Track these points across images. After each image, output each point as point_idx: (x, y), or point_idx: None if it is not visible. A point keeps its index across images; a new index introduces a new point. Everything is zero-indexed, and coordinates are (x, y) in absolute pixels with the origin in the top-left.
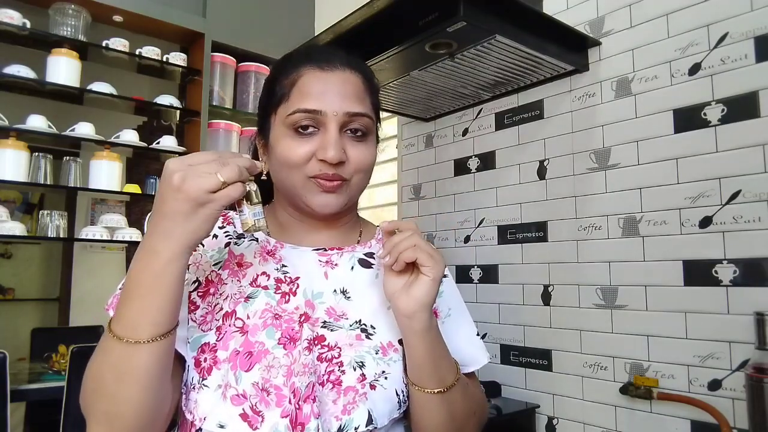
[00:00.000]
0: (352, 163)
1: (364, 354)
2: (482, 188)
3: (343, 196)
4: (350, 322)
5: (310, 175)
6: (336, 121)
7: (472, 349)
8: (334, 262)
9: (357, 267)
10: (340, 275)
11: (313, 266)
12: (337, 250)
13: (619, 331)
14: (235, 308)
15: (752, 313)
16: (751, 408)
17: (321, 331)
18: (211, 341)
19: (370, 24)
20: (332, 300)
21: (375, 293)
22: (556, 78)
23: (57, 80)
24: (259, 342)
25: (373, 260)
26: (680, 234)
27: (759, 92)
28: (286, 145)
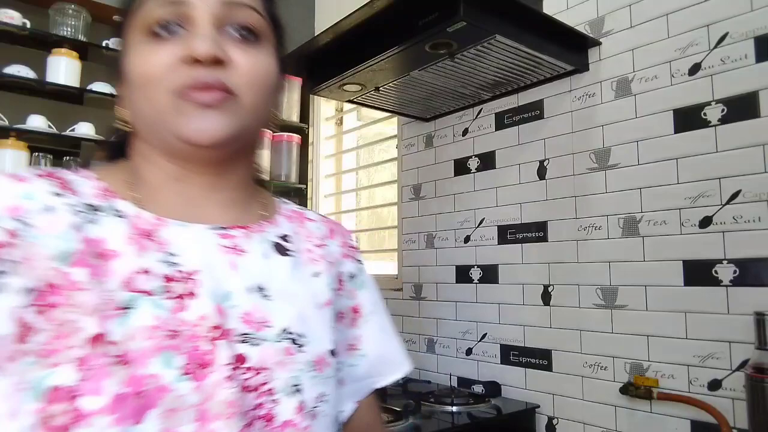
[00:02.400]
0: (239, 70)
1: (299, 373)
2: (482, 188)
3: (229, 116)
4: (275, 331)
5: (176, 87)
6: (208, 11)
7: (399, 351)
8: (240, 247)
9: (272, 255)
10: (251, 266)
11: (214, 253)
12: (242, 230)
13: (619, 331)
14: (105, 327)
15: (752, 313)
16: (751, 408)
17: (240, 348)
18: (66, 383)
19: (370, 24)
20: (247, 301)
21: (299, 289)
22: (556, 78)
23: (57, 80)
24: (151, 376)
25: (289, 244)
26: (680, 234)
27: (759, 92)
28: (140, 56)
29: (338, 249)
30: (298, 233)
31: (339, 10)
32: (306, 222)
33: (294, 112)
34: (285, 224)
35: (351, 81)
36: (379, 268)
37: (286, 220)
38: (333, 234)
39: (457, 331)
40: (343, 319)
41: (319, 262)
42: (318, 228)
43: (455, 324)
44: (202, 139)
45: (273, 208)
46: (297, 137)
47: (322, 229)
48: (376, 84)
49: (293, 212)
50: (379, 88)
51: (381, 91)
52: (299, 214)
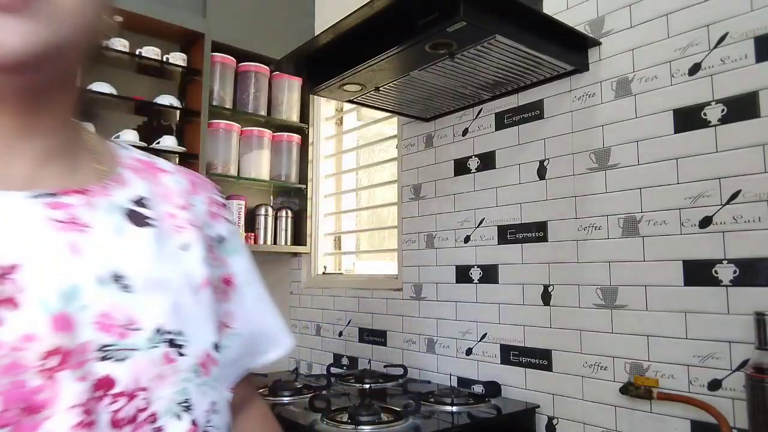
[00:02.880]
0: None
1: (186, 384)
2: (482, 188)
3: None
4: (146, 334)
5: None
6: None
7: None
8: (81, 220)
9: (127, 227)
10: (101, 247)
11: (45, 233)
12: (79, 194)
13: (619, 331)
14: None
15: (752, 313)
16: (751, 408)
17: (101, 367)
18: None
19: (370, 24)
20: (101, 298)
21: (169, 271)
22: (556, 78)
23: None
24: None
25: (148, 211)
26: (680, 234)
27: (759, 92)
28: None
29: (204, 207)
30: (155, 193)
31: (339, 10)
32: (160, 175)
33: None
34: (136, 182)
35: (351, 81)
36: (379, 268)
37: (135, 174)
38: (196, 188)
39: (457, 331)
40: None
41: (187, 229)
42: (177, 182)
43: (455, 324)
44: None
45: (110, 157)
46: (297, 137)
47: (182, 183)
48: (376, 84)
49: (140, 162)
50: (379, 88)
51: (381, 91)
52: (149, 165)
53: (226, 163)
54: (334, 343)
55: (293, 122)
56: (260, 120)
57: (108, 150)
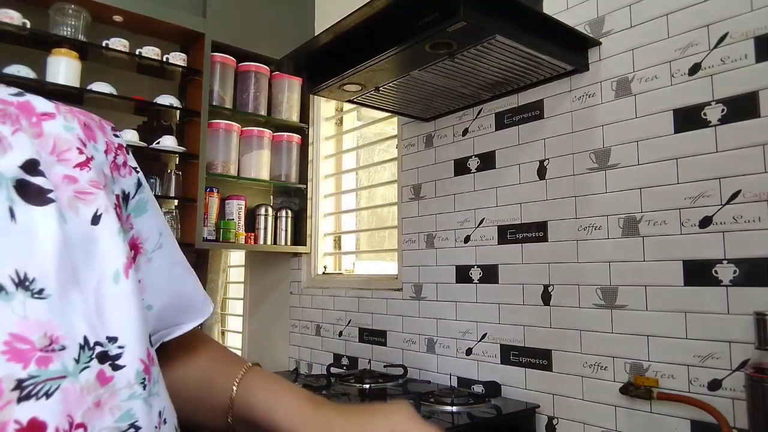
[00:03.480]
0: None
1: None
2: (482, 188)
3: None
4: (72, 352)
5: None
6: None
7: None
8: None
9: (19, 207)
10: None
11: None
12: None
13: (619, 331)
14: None
15: (752, 313)
16: (751, 408)
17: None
18: None
19: (370, 24)
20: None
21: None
22: (556, 78)
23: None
24: None
25: (43, 179)
26: (680, 234)
27: (759, 92)
28: None
29: (103, 157)
30: (40, 149)
31: (339, 10)
32: (44, 123)
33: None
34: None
35: (351, 81)
36: (379, 268)
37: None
38: (90, 132)
39: (457, 331)
40: None
41: (93, 194)
42: (67, 128)
43: (455, 324)
44: None
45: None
46: (297, 137)
47: (74, 128)
48: (376, 84)
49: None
50: (379, 88)
51: (381, 91)
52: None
53: (226, 163)
54: (334, 343)
55: (293, 122)
56: (260, 120)
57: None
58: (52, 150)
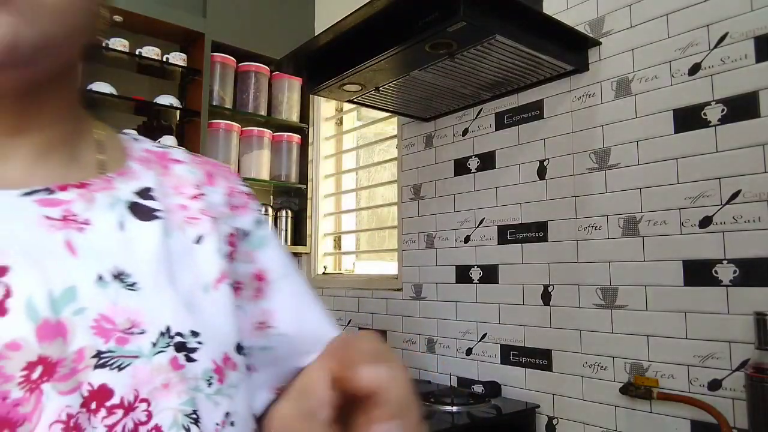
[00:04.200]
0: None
1: (194, 394)
2: (482, 188)
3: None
4: (151, 337)
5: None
6: None
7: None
8: (79, 216)
9: (130, 221)
10: (102, 243)
11: (38, 233)
12: (77, 188)
13: (619, 331)
14: None
15: (752, 313)
16: (751, 408)
17: (96, 376)
18: None
19: (370, 24)
20: (100, 299)
21: (178, 265)
22: (556, 78)
23: None
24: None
25: (154, 203)
26: (680, 234)
27: (759, 92)
28: None
29: (222, 198)
30: (164, 184)
31: (339, 10)
32: (172, 166)
33: (294, 112)
34: (143, 173)
35: (351, 81)
36: (379, 268)
37: (143, 165)
38: (212, 178)
39: (457, 331)
40: (241, 292)
41: (200, 220)
42: (191, 172)
43: (455, 324)
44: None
45: (118, 149)
46: (297, 137)
47: (196, 173)
48: (376, 84)
49: (150, 153)
50: (379, 88)
51: (381, 91)
52: (160, 155)
53: (226, 163)
54: None
55: (293, 122)
56: (260, 120)
57: (117, 142)
58: (173, 185)
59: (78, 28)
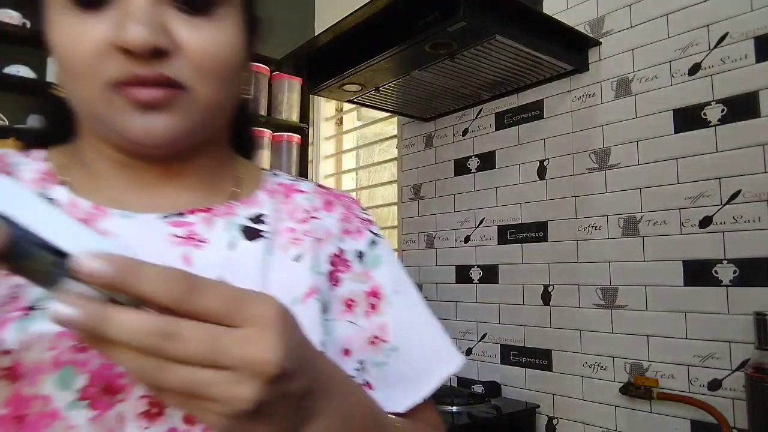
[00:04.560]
0: (189, 55)
1: None
2: (482, 188)
3: (180, 116)
4: None
5: (108, 80)
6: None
7: (438, 344)
8: (199, 236)
9: (240, 242)
10: (212, 258)
11: (164, 247)
12: (202, 213)
13: (619, 331)
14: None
15: (752, 313)
16: (751, 408)
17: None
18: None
19: (370, 24)
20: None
21: (273, 280)
22: (556, 78)
23: None
24: (41, 397)
25: (263, 226)
26: (680, 234)
27: (759, 92)
28: (62, 30)
29: (335, 223)
30: (280, 210)
31: (339, 10)
32: (294, 195)
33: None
34: (264, 201)
35: (351, 81)
36: None
37: (268, 195)
38: (329, 206)
39: (457, 331)
40: (354, 308)
41: (302, 241)
42: (308, 200)
43: (455, 324)
44: (149, 140)
45: (254, 183)
46: (297, 137)
47: (314, 201)
48: (376, 84)
49: (280, 185)
50: (379, 88)
51: (381, 91)
52: (288, 187)
53: None
54: None
55: (293, 122)
56: (260, 120)
57: (255, 176)
58: (288, 211)
59: (227, 105)
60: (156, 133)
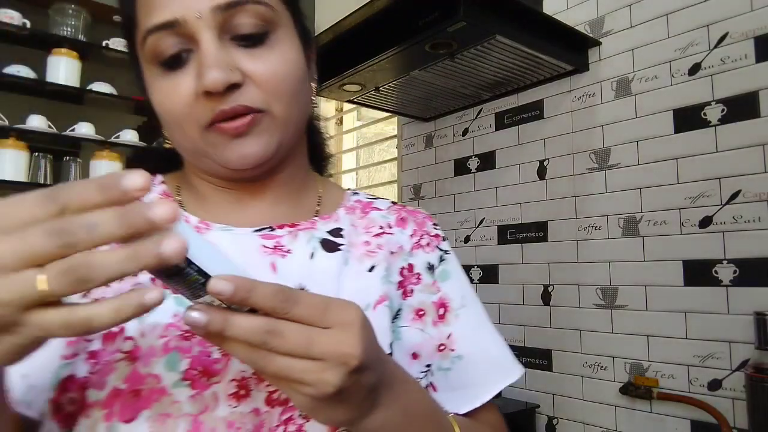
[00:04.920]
0: (257, 82)
1: None
2: (482, 188)
3: (265, 135)
4: None
5: (204, 123)
6: (207, 27)
7: (499, 355)
8: (285, 247)
9: (319, 252)
10: (294, 267)
11: (255, 256)
12: (289, 228)
13: (619, 331)
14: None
15: (752, 313)
16: (751, 408)
17: None
18: (78, 374)
19: (370, 24)
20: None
21: (347, 287)
22: (556, 78)
23: (57, 80)
24: (153, 376)
25: (340, 239)
26: (680, 234)
27: (759, 92)
28: (158, 92)
29: (407, 239)
30: (356, 225)
31: (339, 10)
32: (371, 212)
33: None
34: (343, 217)
35: (351, 81)
36: None
37: (346, 212)
38: (403, 222)
39: None
40: (423, 317)
41: (375, 253)
42: (383, 217)
43: None
44: (244, 164)
45: (335, 201)
46: None
47: (388, 217)
48: (376, 84)
49: (358, 202)
50: (379, 88)
51: (381, 91)
52: (365, 204)
53: None
54: None
55: None
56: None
57: (336, 195)
58: (364, 226)
59: (301, 117)
60: (249, 156)
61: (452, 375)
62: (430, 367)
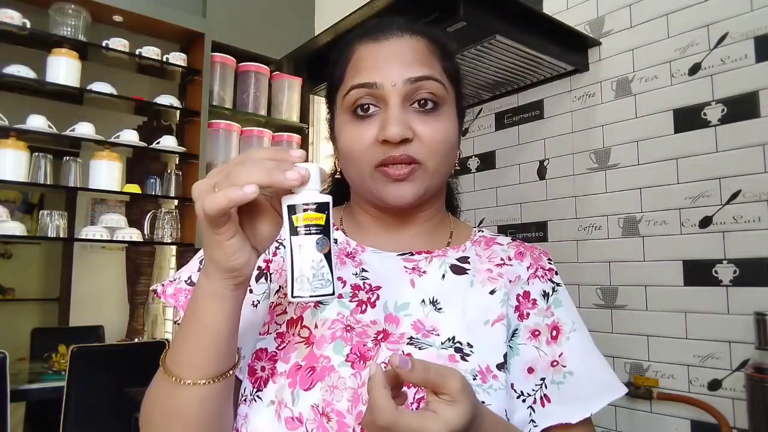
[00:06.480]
0: (423, 141)
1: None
2: (482, 188)
3: (417, 183)
4: (442, 339)
5: (375, 163)
6: (397, 94)
7: (605, 374)
8: (421, 268)
9: (449, 275)
10: (428, 284)
11: (398, 274)
12: (425, 254)
13: (619, 331)
14: (302, 314)
15: (752, 313)
16: (751, 408)
17: (407, 349)
18: (269, 348)
19: None
20: (420, 312)
21: (470, 304)
22: (556, 78)
23: (57, 80)
24: (325, 357)
25: (467, 265)
26: (680, 234)
27: (759, 92)
28: (347, 134)
29: (524, 270)
30: (481, 255)
31: (339, 10)
32: (493, 246)
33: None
34: (470, 248)
35: None
36: None
37: (472, 244)
38: (521, 256)
39: None
40: (538, 336)
41: (497, 280)
42: (504, 250)
43: None
44: (398, 203)
45: (464, 236)
46: (297, 137)
47: (508, 251)
48: None
49: (483, 237)
50: None
51: None
52: (489, 240)
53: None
54: None
55: (293, 122)
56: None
57: (465, 231)
58: (487, 257)
59: (446, 172)
60: (403, 197)
61: (564, 388)
62: (544, 380)
